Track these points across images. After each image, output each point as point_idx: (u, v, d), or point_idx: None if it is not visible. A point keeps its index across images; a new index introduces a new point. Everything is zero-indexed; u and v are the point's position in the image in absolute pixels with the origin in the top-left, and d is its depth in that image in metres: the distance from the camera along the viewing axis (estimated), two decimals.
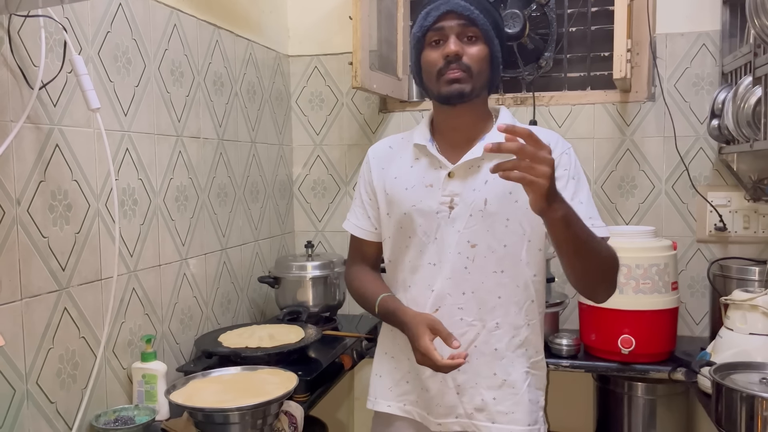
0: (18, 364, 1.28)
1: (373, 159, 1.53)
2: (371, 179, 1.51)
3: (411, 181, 1.44)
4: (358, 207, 1.55)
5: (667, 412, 2.07)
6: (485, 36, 1.35)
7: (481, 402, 1.41)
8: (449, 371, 1.33)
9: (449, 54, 1.34)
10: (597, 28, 2.35)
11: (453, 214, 1.39)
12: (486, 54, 1.36)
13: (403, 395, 1.49)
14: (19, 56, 1.27)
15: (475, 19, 1.33)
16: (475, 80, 1.36)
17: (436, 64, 1.36)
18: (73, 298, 1.42)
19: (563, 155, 1.39)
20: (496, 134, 1.39)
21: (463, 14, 1.33)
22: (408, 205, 1.43)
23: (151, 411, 1.51)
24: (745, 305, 1.69)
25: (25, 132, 1.29)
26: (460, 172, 1.40)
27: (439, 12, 1.35)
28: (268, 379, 1.53)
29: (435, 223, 1.41)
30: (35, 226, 1.32)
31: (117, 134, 1.58)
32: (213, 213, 2.03)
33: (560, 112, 2.35)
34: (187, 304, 1.87)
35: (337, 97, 2.59)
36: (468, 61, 1.34)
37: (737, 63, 1.98)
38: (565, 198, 1.23)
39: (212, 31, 2.02)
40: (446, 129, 1.45)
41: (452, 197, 1.39)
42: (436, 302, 1.41)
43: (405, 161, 1.48)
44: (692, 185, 2.23)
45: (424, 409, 1.46)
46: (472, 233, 1.38)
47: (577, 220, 1.21)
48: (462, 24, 1.34)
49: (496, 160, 1.31)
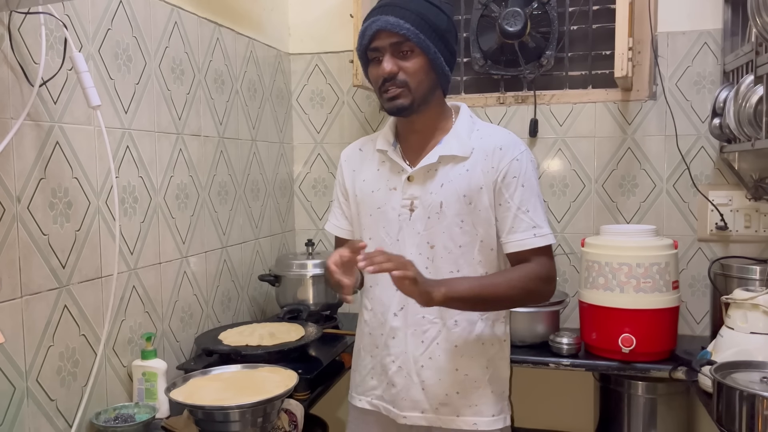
0: (18, 362, 1.28)
1: (345, 162, 1.58)
2: (344, 181, 1.57)
3: (377, 184, 1.50)
4: (336, 208, 1.61)
5: (667, 410, 2.07)
6: (421, 46, 1.36)
7: (445, 397, 1.46)
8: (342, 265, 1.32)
9: (383, 75, 1.38)
10: (598, 26, 2.35)
11: (413, 216, 1.45)
12: (423, 64, 1.38)
13: (370, 390, 1.54)
14: (19, 53, 1.27)
15: (406, 35, 1.34)
16: (414, 93, 1.39)
17: (377, 81, 1.42)
18: (74, 295, 1.42)
19: (513, 162, 1.43)
20: (452, 137, 1.46)
21: (394, 32, 1.35)
22: (374, 208, 1.49)
23: (151, 409, 1.51)
24: (746, 304, 1.68)
25: (25, 129, 1.29)
26: (419, 176, 1.45)
27: (371, 32, 1.37)
28: (269, 377, 1.53)
29: (397, 225, 1.46)
30: (35, 224, 1.32)
31: (117, 132, 1.58)
32: (213, 211, 2.02)
33: (561, 110, 2.35)
34: (187, 302, 1.87)
35: (338, 95, 2.59)
36: (404, 77, 1.38)
37: (739, 62, 1.98)
38: (512, 207, 1.41)
39: (213, 29, 2.02)
40: (407, 133, 1.50)
41: (412, 200, 1.45)
42: (401, 301, 1.45)
43: (373, 164, 1.53)
44: (693, 184, 2.23)
45: (389, 404, 1.51)
46: (430, 234, 1.44)
47: (464, 290, 1.35)
48: (394, 42, 1.36)
49: (451, 164, 1.44)
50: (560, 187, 2.36)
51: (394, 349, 1.48)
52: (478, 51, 2.41)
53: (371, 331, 1.53)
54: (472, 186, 1.42)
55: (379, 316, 1.50)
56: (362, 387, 1.56)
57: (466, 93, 2.46)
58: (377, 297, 1.50)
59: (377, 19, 1.36)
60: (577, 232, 2.31)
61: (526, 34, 2.31)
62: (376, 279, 1.48)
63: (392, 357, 1.48)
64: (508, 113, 2.39)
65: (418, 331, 1.45)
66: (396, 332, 1.47)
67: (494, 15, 2.35)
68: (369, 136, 1.61)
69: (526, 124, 2.35)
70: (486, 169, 1.42)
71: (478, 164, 1.43)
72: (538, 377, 2.31)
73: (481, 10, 2.39)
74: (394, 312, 1.47)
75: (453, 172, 1.43)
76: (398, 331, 1.47)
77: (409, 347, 1.46)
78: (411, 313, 1.45)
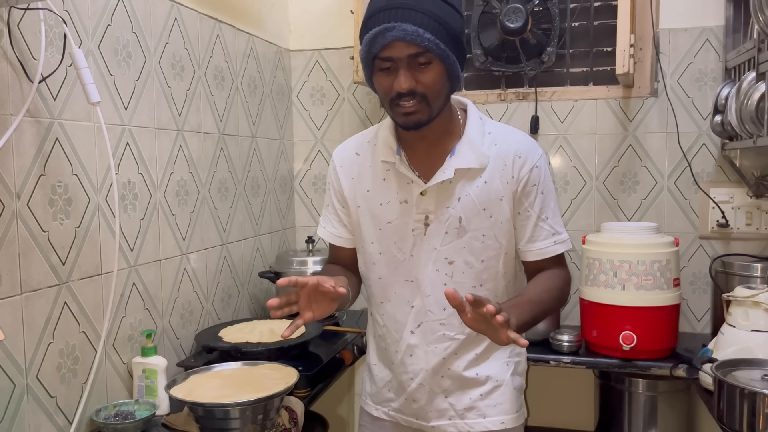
0: (18, 359, 1.28)
1: (340, 168, 1.45)
2: (341, 188, 1.44)
3: (385, 196, 1.39)
4: (332, 214, 1.48)
5: (668, 408, 2.07)
6: (441, 57, 1.22)
7: (469, 401, 1.42)
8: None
9: (401, 91, 1.23)
10: (600, 23, 2.34)
11: (428, 231, 1.36)
12: (441, 74, 1.25)
13: (386, 402, 1.50)
14: (18, 49, 1.26)
15: (426, 46, 1.20)
16: (432, 106, 1.27)
17: (388, 93, 1.27)
18: (74, 292, 1.42)
19: (533, 169, 1.35)
20: (465, 146, 1.35)
21: (413, 42, 1.20)
22: (383, 222, 1.39)
23: (151, 406, 1.51)
24: (747, 302, 1.68)
25: (24, 125, 1.28)
26: (432, 191, 1.35)
27: (385, 40, 1.20)
28: (269, 374, 1.53)
29: (411, 240, 1.38)
30: (35, 221, 1.31)
31: (117, 128, 1.57)
32: (214, 208, 2.02)
33: (563, 107, 2.34)
34: (187, 299, 1.87)
35: (339, 91, 2.58)
36: (423, 89, 1.24)
37: (741, 58, 1.97)
38: (532, 216, 1.36)
39: (213, 25, 2.01)
40: (412, 140, 1.37)
41: (426, 215, 1.36)
42: (417, 318, 1.40)
43: (376, 173, 1.40)
44: (695, 181, 2.22)
45: (411, 416, 1.47)
46: (449, 250, 1.36)
47: (527, 316, 1.26)
48: (412, 54, 1.21)
49: (467, 177, 1.34)
50: (561, 185, 2.35)
51: (412, 366, 1.42)
52: (479, 48, 2.41)
53: (386, 346, 1.46)
54: (491, 198, 1.34)
55: (394, 333, 1.43)
56: (378, 397, 1.51)
57: (467, 90, 2.46)
58: (389, 313, 1.43)
59: (392, 27, 1.19)
60: (578, 229, 2.31)
61: (527, 31, 2.30)
62: (387, 295, 1.42)
63: (410, 374, 1.43)
64: (509, 110, 2.39)
65: (439, 348, 1.39)
66: (414, 350, 1.41)
67: (495, 11, 2.34)
68: (363, 134, 1.47)
69: (527, 121, 2.35)
70: (506, 179, 1.34)
71: (496, 175, 1.34)
72: (539, 375, 2.31)
73: (482, 7, 2.39)
74: (410, 330, 1.40)
75: (471, 185, 1.34)
76: (416, 348, 1.41)
77: (429, 364, 1.41)
78: (429, 331, 1.39)
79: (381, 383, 1.50)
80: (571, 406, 2.39)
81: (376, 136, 1.42)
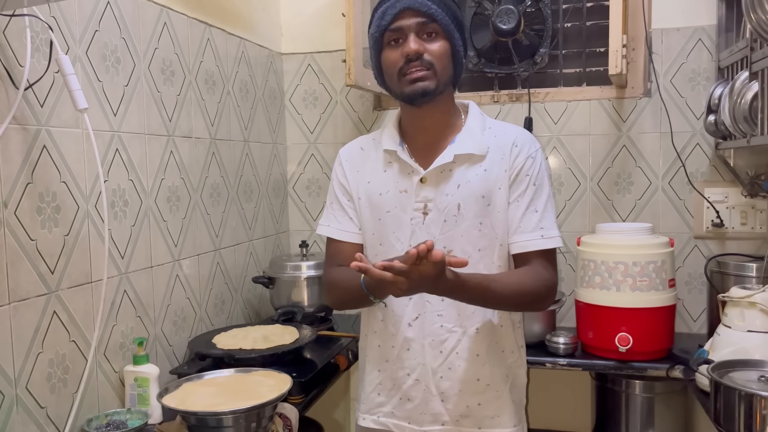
0: (7, 369, 1.26)
1: (346, 162, 1.49)
2: (346, 182, 1.48)
3: (385, 186, 1.42)
4: (337, 211, 1.49)
5: (665, 409, 2.06)
6: (445, 31, 1.32)
7: (466, 408, 1.41)
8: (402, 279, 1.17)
9: (409, 53, 1.30)
10: (592, 23, 2.34)
11: (427, 220, 1.38)
12: (447, 49, 1.33)
13: (376, 408, 1.48)
14: (4, 56, 1.25)
15: (433, 15, 1.29)
16: (439, 77, 1.33)
17: (396, 63, 1.33)
18: (63, 301, 1.40)
19: (528, 159, 1.39)
20: (466, 135, 1.40)
21: (421, 10, 1.29)
22: (383, 212, 1.41)
23: (143, 415, 1.49)
24: (743, 302, 1.67)
25: (11, 133, 1.27)
26: (433, 178, 1.38)
27: (395, 10, 1.30)
28: (262, 381, 1.51)
29: (409, 229, 1.39)
30: (23, 229, 1.30)
31: (106, 134, 1.56)
32: (206, 213, 2.00)
33: (556, 108, 2.33)
34: (180, 306, 1.86)
35: (331, 95, 2.57)
36: (430, 57, 1.31)
37: (734, 58, 1.97)
38: (521, 206, 1.36)
39: (203, 29, 2.00)
40: (415, 131, 1.43)
41: (426, 203, 1.38)
42: (415, 310, 1.40)
43: (378, 165, 1.45)
44: (689, 181, 2.22)
45: (403, 420, 1.45)
46: (447, 239, 1.37)
47: (475, 280, 1.28)
48: (420, 21, 1.30)
49: (467, 164, 1.37)
50: (556, 186, 2.34)
51: (408, 361, 1.42)
52: (472, 49, 2.40)
53: (380, 343, 1.46)
54: (491, 186, 1.37)
55: (391, 327, 1.43)
56: (367, 404, 1.50)
57: (460, 92, 2.45)
58: (388, 305, 1.42)
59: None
60: (572, 230, 2.30)
61: (520, 32, 2.30)
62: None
63: (407, 370, 1.42)
64: (502, 111, 2.38)
65: (436, 341, 1.39)
66: (410, 343, 1.41)
67: (487, 13, 2.34)
68: (367, 135, 1.54)
69: (521, 122, 2.34)
70: (504, 167, 1.38)
71: (495, 163, 1.38)
72: (535, 377, 2.28)
73: (475, 8, 2.38)
74: (407, 322, 1.40)
75: (470, 172, 1.37)
76: (413, 342, 1.40)
77: (426, 358, 1.40)
78: (428, 323, 1.39)
79: (370, 387, 1.49)
80: (568, 409, 2.38)
81: (381, 133, 1.48)
